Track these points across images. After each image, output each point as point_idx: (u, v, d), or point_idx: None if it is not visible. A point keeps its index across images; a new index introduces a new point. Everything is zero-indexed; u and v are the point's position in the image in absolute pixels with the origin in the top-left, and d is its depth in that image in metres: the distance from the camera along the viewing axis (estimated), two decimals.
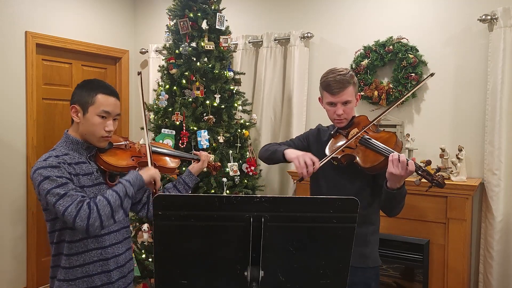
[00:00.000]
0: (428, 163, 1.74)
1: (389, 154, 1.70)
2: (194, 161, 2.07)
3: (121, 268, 1.77)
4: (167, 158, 1.98)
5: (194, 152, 2.13)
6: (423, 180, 1.70)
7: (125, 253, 1.81)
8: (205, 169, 2.10)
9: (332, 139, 1.97)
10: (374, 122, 1.90)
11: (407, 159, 1.65)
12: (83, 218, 1.49)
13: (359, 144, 1.84)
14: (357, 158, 1.80)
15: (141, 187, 1.67)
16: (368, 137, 1.84)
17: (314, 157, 1.81)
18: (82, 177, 1.67)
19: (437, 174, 1.67)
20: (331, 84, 1.87)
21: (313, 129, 2.18)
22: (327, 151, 1.92)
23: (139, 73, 1.93)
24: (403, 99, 1.96)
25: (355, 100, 1.93)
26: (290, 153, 1.89)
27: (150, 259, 3.17)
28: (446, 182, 1.70)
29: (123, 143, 1.85)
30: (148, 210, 1.95)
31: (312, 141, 2.11)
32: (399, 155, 1.65)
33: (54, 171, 1.57)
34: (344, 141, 1.88)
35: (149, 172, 1.71)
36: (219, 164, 2.19)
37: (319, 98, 2.03)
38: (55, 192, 1.52)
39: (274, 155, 2.02)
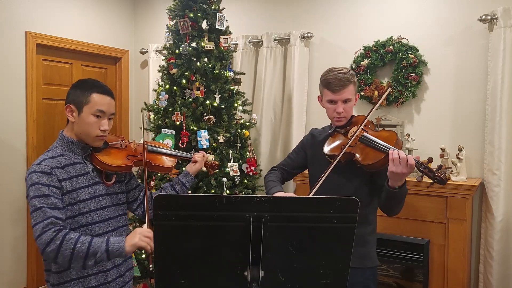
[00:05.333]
0: (430, 160, 1.74)
1: (388, 152, 1.69)
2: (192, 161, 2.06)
3: (119, 267, 1.77)
4: (164, 157, 1.97)
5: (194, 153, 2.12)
6: (425, 177, 1.70)
7: None
8: (204, 169, 2.10)
9: (330, 137, 1.97)
10: (368, 117, 1.89)
11: (407, 156, 1.64)
12: (42, 242, 1.52)
13: (359, 142, 1.84)
14: (357, 156, 1.80)
15: (120, 257, 1.59)
16: (368, 135, 1.84)
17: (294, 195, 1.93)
18: (77, 178, 1.66)
19: (439, 171, 1.66)
20: (332, 82, 1.88)
21: (306, 135, 2.19)
22: (325, 149, 1.92)
23: (142, 110, 2.13)
24: (382, 98, 1.99)
25: (354, 99, 1.95)
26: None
27: None
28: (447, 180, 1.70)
29: (118, 142, 1.84)
30: (143, 209, 1.94)
31: (308, 147, 2.12)
32: (398, 152, 1.65)
33: (44, 177, 1.57)
34: (342, 140, 1.88)
35: (133, 241, 1.56)
36: (216, 162, 2.17)
37: (318, 97, 2.04)
38: (33, 202, 1.55)
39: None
